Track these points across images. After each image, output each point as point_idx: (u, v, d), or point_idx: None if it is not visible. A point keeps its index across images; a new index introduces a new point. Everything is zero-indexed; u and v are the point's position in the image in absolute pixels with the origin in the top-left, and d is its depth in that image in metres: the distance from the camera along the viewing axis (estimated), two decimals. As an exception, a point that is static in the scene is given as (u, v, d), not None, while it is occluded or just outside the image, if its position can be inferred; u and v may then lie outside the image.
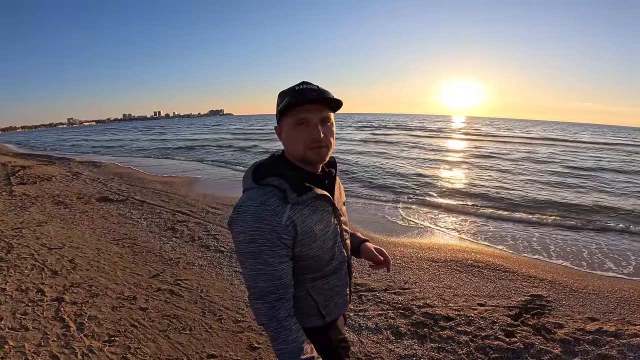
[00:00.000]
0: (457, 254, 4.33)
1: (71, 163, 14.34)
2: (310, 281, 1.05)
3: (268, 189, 0.94)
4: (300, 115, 0.95)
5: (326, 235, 1.03)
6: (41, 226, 5.43)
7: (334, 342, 1.15)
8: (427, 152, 16.60)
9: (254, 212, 0.90)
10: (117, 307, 2.90)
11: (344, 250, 1.12)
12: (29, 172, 11.49)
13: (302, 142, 0.96)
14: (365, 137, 25.17)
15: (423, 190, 8.47)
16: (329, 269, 1.07)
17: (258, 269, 0.92)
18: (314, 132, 0.95)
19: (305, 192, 0.96)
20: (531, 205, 7.19)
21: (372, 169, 11.61)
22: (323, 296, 1.08)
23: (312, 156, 0.98)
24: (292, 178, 0.96)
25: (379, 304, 2.98)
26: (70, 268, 3.78)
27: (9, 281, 3.40)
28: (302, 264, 1.00)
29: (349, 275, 1.19)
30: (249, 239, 0.90)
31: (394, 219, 6.05)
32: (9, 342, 2.41)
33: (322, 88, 0.97)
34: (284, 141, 1.02)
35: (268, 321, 0.93)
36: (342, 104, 1.00)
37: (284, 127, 1.00)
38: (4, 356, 2.26)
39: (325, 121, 0.98)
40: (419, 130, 31.39)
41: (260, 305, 0.94)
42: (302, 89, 0.95)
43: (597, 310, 3.02)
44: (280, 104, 0.97)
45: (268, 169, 0.99)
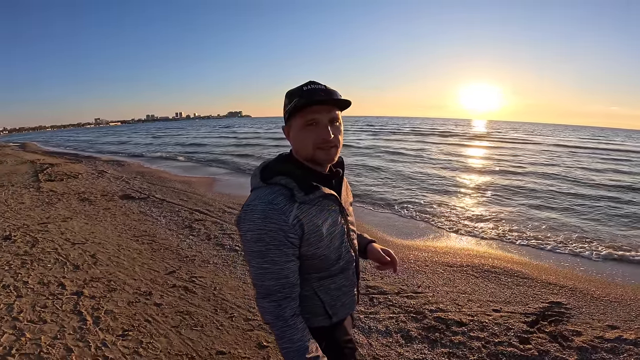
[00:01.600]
0: (473, 259, 4.23)
1: (97, 161, 14.89)
2: (316, 280, 1.05)
3: (275, 188, 0.95)
4: (310, 116, 0.95)
5: (333, 234, 1.02)
6: (66, 222, 5.65)
7: (340, 343, 1.14)
8: (453, 157, 16.21)
9: (262, 211, 0.90)
10: (133, 302, 2.99)
11: (351, 250, 1.12)
12: (56, 169, 11.99)
13: (311, 142, 0.96)
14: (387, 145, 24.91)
15: (442, 195, 8.32)
16: (335, 268, 1.06)
17: (265, 268, 0.92)
18: (324, 132, 0.96)
19: (312, 192, 0.96)
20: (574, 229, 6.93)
21: (390, 172, 11.50)
22: (330, 296, 1.08)
23: (322, 156, 0.98)
24: (299, 177, 0.96)
25: (391, 307, 2.95)
26: (91, 263, 3.91)
27: (32, 274, 3.56)
28: (308, 263, 1.00)
29: (357, 275, 1.18)
30: (257, 238, 0.90)
31: (409, 222, 5.97)
32: (26, 335, 2.51)
33: (329, 88, 0.98)
34: (292, 141, 1.02)
35: (274, 320, 0.94)
36: (350, 104, 1.00)
37: (292, 127, 1.00)
38: (20, 348, 2.36)
39: (333, 121, 0.99)
40: (439, 136, 30.49)
41: (267, 304, 0.94)
42: (310, 89, 0.95)
43: (619, 318, 2.90)
44: (289, 105, 0.97)
45: (275, 169, 0.99)
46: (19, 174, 11.42)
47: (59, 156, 18.58)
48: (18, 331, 2.55)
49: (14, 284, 3.33)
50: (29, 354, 2.30)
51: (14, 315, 2.76)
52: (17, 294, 3.13)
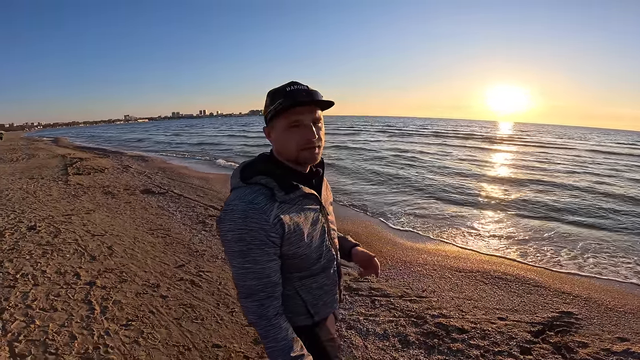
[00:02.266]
0: (484, 264, 4.12)
1: (123, 157, 15.45)
2: (298, 280, 1.05)
3: (256, 188, 0.95)
4: (294, 117, 0.95)
5: (314, 233, 1.03)
6: (89, 214, 5.91)
7: (323, 342, 1.14)
8: (476, 162, 15.79)
9: (242, 211, 0.90)
10: (140, 294, 3.10)
11: (332, 248, 1.12)
12: (85, 163, 12.56)
13: (295, 143, 0.96)
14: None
15: (458, 200, 8.14)
16: (317, 267, 1.07)
17: (246, 268, 0.92)
18: (308, 133, 0.96)
19: (292, 191, 0.97)
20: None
21: (404, 178, 11.35)
22: (311, 295, 1.08)
23: (306, 156, 0.98)
24: (279, 177, 0.97)
25: (392, 310, 2.92)
26: (107, 254, 4.08)
27: (51, 264, 3.74)
28: (290, 262, 1.01)
29: (339, 274, 1.19)
30: (237, 238, 0.90)
31: (420, 226, 5.88)
32: (36, 322, 2.65)
33: (311, 88, 0.98)
34: (275, 142, 1.02)
35: (257, 319, 0.94)
36: (332, 104, 1.01)
37: (275, 129, 1.00)
38: (27, 335, 2.48)
39: (316, 122, 0.99)
40: (463, 139, 29.61)
41: (249, 304, 0.95)
42: (293, 90, 0.95)
43: (630, 330, 2.76)
44: (271, 106, 0.97)
45: (256, 168, 1.00)
46: (50, 167, 12.03)
47: (88, 151, 19.43)
48: (29, 318, 2.69)
49: (32, 272, 3.52)
50: (35, 340, 2.42)
51: (27, 303, 2.92)
52: (34, 282, 3.31)
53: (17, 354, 2.26)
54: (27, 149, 21.32)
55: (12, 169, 11.87)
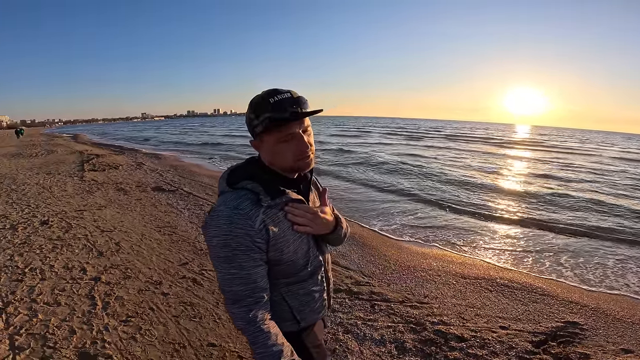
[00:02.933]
0: (490, 271, 4.04)
1: (137, 154, 15.77)
2: (285, 286, 1.04)
3: (241, 193, 0.94)
4: (284, 132, 0.93)
5: (300, 239, 1.02)
6: (100, 210, 6.04)
7: (309, 348, 1.13)
8: (496, 168, 15.53)
9: (227, 217, 0.90)
10: (143, 290, 3.15)
11: (320, 255, 1.11)
12: (100, 160, 12.85)
13: (290, 155, 0.95)
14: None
15: (469, 204, 8.02)
16: (304, 273, 1.06)
17: (232, 273, 0.91)
18: (302, 145, 0.94)
19: (279, 196, 0.96)
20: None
21: (423, 176, 11.24)
22: (298, 301, 1.07)
23: (301, 166, 0.98)
24: (266, 181, 0.96)
25: (391, 315, 2.88)
26: (114, 250, 4.16)
27: (59, 259, 3.84)
28: (276, 268, 1.00)
29: (327, 280, 1.17)
30: (223, 243, 0.89)
31: (427, 229, 5.81)
32: (39, 316, 2.72)
33: (296, 96, 0.94)
34: (266, 155, 0.99)
35: (245, 325, 0.93)
36: (321, 110, 0.99)
37: (265, 142, 0.96)
38: (29, 328, 2.55)
39: (305, 130, 0.97)
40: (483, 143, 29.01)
41: (237, 310, 0.93)
42: (278, 101, 0.91)
43: (636, 342, 2.68)
44: (256, 120, 0.93)
45: (242, 173, 0.99)
46: (67, 163, 12.37)
47: (105, 148, 19.90)
48: (32, 312, 2.77)
49: (40, 267, 3.62)
50: (35, 334, 2.48)
51: (32, 297, 3.00)
52: (42, 276, 3.40)
53: (17, 347, 2.32)
54: (46, 145, 21.98)
55: (31, 164, 12.25)
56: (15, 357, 2.23)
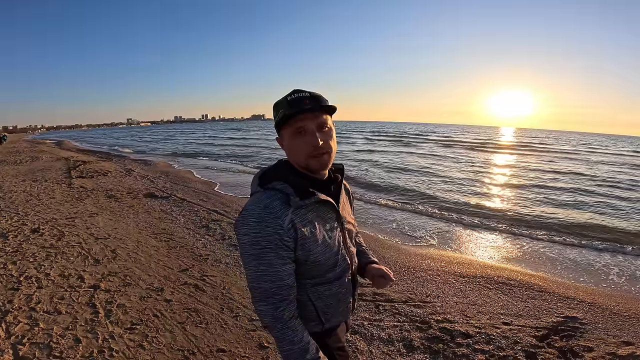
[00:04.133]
0: (488, 270, 4.11)
1: (126, 160, 15.51)
2: (311, 286, 1.05)
3: (272, 193, 0.96)
4: (297, 124, 0.96)
5: (328, 241, 1.03)
6: (92, 217, 5.92)
7: (332, 350, 1.13)
8: (478, 167, 15.78)
9: (258, 215, 0.92)
10: (145, 297, 3.10)
11: (348, 257, 1.11)
12: (88, 166, 12.60)
13: (303, 151, 0.97)
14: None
15: (462, 205, 8.15)
16: (331, 275, 1.06)
17: (261, 270, 0.93)
18: (313, 140, 0.96)
19: (308, 197, 0.97)
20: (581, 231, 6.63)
21: (413, 180, 11.35)
22: (324, 302, 1.08)
23: (315, 164, 0.98)
24: (296, 183, 0.98)
25: (396, 315, 2.91)
26: (111, 258, 4.08)
27: (54, 267, 3.76)
28: (303, 268, 1.01)
29: (354, 283, 1.17)
30: (253, 241, 0.92)
31: (424, 231, 5.88)
32: (40, 325, 2.65)
33: (314, 94, 0.98)
34: (286, 151, 1.03)
35: (273, 322, 0.94)
36: (335, 109, 1.00)
37: (284, 138, 1.01)
38: (31, 337, 2.49)
39: (322, 126, 0.98)
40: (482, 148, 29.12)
41: (264, 307, 0.95)
42: (294, 99, 0.96)
43: (635, 334, 2.76)
44: (276, 117, 0.99)
45: (274, 174, 1.01)
46: (53, 170, 12.07)
47: (91, 154, 19.50)
48: (33, 321, 2.70)
49: (36, 275, 3.53)
50: (38, 343, 2.43)
51: (31, 306, 2.93)
52: (38, 285, 3.32)
53: (21, 357, 2.26)
54: (30, 152, 21.40)
55: (16, 171, 11.92)
56: None
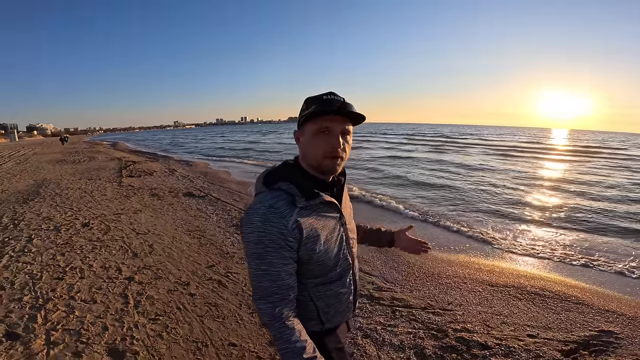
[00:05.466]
0: (520, 279, 3.88)
1: (170, 161, 16.46)
2: (313, 286, 1.07)
3: (277, 193, 0.98)
4: (324, 124, 0.98)
5: (331, 241, 1.05)
6: (136, 214, 6.37)
7: (330, 350, 1.14)
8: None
9: (263, 215, 0.94)
10: (172, 290, 3.29)
11: (349, 257, 1.13)
12: (137, 166, 13.53)
13: (321, 150, 0.99)
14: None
15: (496, 212, 7.75)
16: (332, 275, 1.08)
17: (263, 269, 0.95)
18: (334, 141, 0.98)
19: (313, 198, 0.99)
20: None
21: (443, 186, 10.99)
22: (325, 302, 1.09)
23: (328, 165, 1.00)
24: (301, 183, 0.99)
25: (412, 321, 2.85)
26: (148, 252, 4.38)
27: (98, 259, 4.10)
28: (306, 268, 1.03)
29: (354, 283, 1.19)
30: (256, 240, 0.94)
31: (454, 237, 5.67)
32: (75, 312, 2.91)
33: (347, 101, 1.00)
34: (302, 146, 1.04)
35: (270, 320, 0.95)
36: (364, 119, 1.03)
37: (305, 133, 1.02)
38: (65, 324, 2.73)
39: (345, 133, 1.01)
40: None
41: (263, 305, 0.96)
42: (329, 99, 0.98)
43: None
44: (306, 110, 1.00)
45: (279, 174, 1.03)
46: (107, 169, 13.11)
47: (141, 155, 20.91)
48: (70, 309, 2.97)
49: (80, 266, 3.88)
50: (70, 329, 2.66)
51: (71, 295, 3.22)
52: (81, 275, 3.64)
53: (52, 342, 2.50)
54: (88, 152, 23.39)
55: (74, 170, 13.10)
56: (50, 352, 2.39)
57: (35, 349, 2.42)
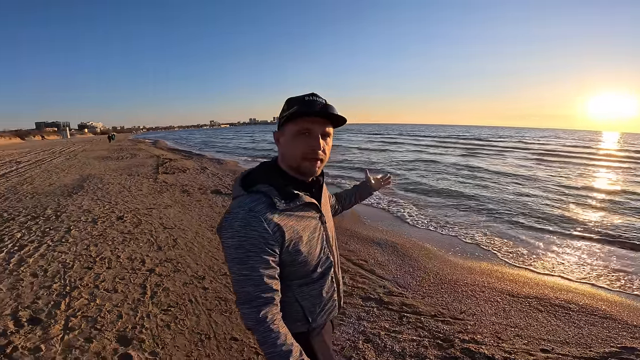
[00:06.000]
0: (546, 290, 3.68)
1: (203, 159, 17.08)
2: (297, 287, 1.07)
3: (256, 196, 0.97)
4: (305, 125, 0.97)
5: (313, 241, 1.06)
6: (166, 209, 6.70)
7: (316, 350, 1.15)
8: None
9: (242, 219, 0.92)
10: (187, 284, 3.45)
11: (330, 255, 1.15)
12: (172, 164, 14.19)
13: (300, 151, 0.99)
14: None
15: (538, 214, 7.37)
16: (316, 274, 1.09)
17: (245, 275, 0.93)
18: (315, 143, 0.98)
19: (293, 200, 0.99)
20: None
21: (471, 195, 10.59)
22: (310, 302, 1.10)
23: (307, 167, 1.01)
24: (280, 185, 0.99)
25: (419, 328, 2.79)
26: (171, 246, 4.60)
27: (126, 250, 4.36)
28: (288, 270, 1.03)
29: (336, 281, 1.20)
30: (237, 245, 0.92)
31: (476, 245, 5.45)
32: (97, 300, 3.11)
33: (328, 103, 1.01)
34: (281, 147, 1.04)
35: (255, 325, 0.94)
36: (345, 121, 1.04)
37: (285, 134, 1.02)
38: (85, 311, 2.94)
39: (325, 135, 1.02)
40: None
41: (247, 310, 0.94)
42: (310, 100, 0.98)
43: None
44: (286, 111, 1.00)
45: (257, 177, 1.02)
46: (146, 166, 13.86)
47: (177, 153, 21.87)
48: (92, 297, 3.18)
49: (109, 257, 4.15)
50: (88, 316, 2.86)
51: (96, 284, 3.45)
52: (108, 265, 3.90)
53: (69, 328, 2.70)
54: (131, 149, 24.82)
55: (116, 166, 13.98)
56: (64, 337, 2.58)
57: (52, 333, 2.62)
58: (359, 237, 5.20)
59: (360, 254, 4.49)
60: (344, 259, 4.29)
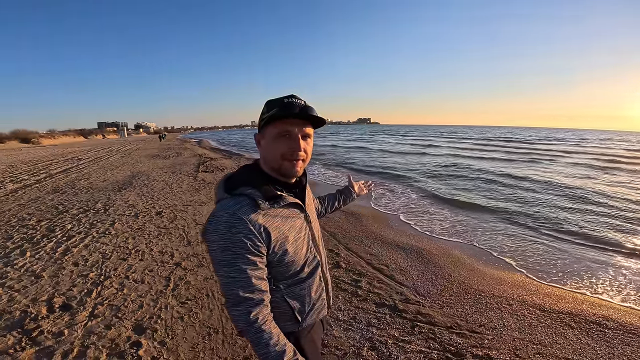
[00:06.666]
0: (583, 305, 3.39)
1: (241, 158, 17.68)
2: (286, 287, 1.08)
3: (240, 199, 0.98)
4: (284, 127, 0.99)
5: (299, 241, 1.08)
6: (201, 206, 7.03)
7: (306, 350, 1.16)
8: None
9: (227, 221, 0.93)
10: (208, 278, 3.61)
11: (317, 254, 1.16)
12: (213, 163, 14.84)
13: (280, 153, 1.00)
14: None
15: (582, 224, 6.81)
16: (303, 274, 1.10)
17: (233, 277, 0.93)
18: (295, 144, 1.00)
19: (276, 200, 1.01)
20: None
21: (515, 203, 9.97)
22: (299, 302, 1.11)
23: (288, 168, 1.02)
24: (263, 187, 1.01)
25: (430, 340, 2.69)
26: (200, 241, 4.81)
27: (159, 244, 4.65)
28: (276, 270, 1.04)
29: (324, 279, 1.20)
30: (223, 247, 0.92)
31: (520, 252, 5.14)
32: (124, 290, 3.35)
33: (308, 104, 1.02)
34: (262, 150, 1.06)
35: (246, 327, 0.94)
36: (325, 122, 1.06)
37: (266, 136, 1.03)
38: (112, 300, 3.16)
39: (306, 136, 1.03)
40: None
41: (237, 312, 0.95)
42: (290, 102, 0.99)
43: None
44: (266, 114, 1.01)
45: (239, 179, 1.03)
46: (189, 164, 14.62)
47: (218, 152, 22.81)
48: (121, 286, 3.43)
49: (144, 249, 4.45)
50: (113, 305, 3.08)
51: (127, 274, 3.71)
52: (141, 257, 4.18)
53: (94, 314, 2.92)
54: (178, 148, 26.29)
55: (163, 164, 14.89)
56: (88, 323, 2.80)
57: (78, 320, 2.85)
58: (383, 241, 5.11)
59: (382, 258, 4.41)
60: (364, 263, 4.25)
